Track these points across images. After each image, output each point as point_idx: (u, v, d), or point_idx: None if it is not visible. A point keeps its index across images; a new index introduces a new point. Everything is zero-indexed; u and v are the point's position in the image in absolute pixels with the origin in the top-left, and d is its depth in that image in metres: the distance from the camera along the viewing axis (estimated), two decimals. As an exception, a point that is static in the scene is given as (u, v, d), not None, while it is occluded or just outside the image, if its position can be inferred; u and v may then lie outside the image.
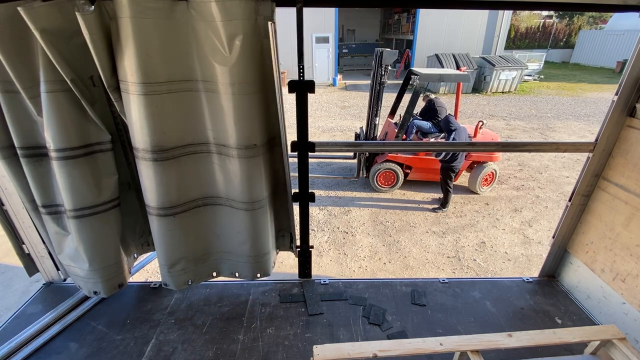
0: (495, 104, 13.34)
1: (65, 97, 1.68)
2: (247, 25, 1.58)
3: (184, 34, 1.62)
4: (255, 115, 1.80)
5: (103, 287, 2.09)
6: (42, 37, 1.49)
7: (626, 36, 21.12)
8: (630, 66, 1.92)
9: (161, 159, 1.78)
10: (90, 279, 2.06)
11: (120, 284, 2.15)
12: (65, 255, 2.07)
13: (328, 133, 9.92)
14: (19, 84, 1.63)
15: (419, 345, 1.69)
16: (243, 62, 1.63)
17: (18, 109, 1.74)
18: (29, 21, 1.46)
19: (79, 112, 1.74)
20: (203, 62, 1.69)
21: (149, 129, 1.70)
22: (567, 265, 2.54)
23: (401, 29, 21.27)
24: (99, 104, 1.81)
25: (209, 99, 1.77)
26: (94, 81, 1.75)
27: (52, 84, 1.64)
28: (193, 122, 1.82)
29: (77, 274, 2.10)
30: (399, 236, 5.00)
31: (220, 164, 1.93)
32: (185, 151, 1.86)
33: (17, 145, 1.81)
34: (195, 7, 1.56)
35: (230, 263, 2.26)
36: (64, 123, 1.71)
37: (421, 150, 5.93)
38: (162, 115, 1.70)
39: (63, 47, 1.57)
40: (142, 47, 1.54)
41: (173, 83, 1.69)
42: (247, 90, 1.71)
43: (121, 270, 2.14)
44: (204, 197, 2.03)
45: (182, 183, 1.90)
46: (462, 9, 1.86)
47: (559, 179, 6.86)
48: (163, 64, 1.63)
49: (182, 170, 1.88)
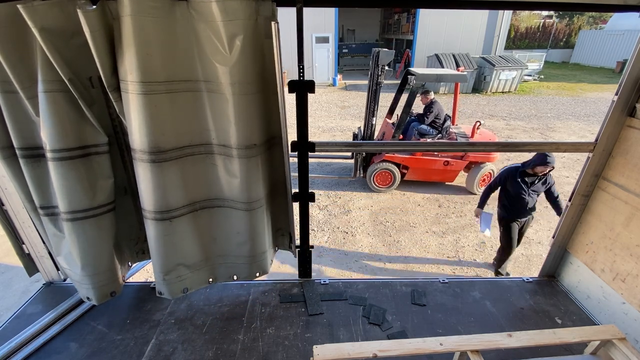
0: (495, 104, 13.34)
1: (63, 97, 1.66)
2: (247, 25, 1.58)
3: (184, 34, 1.61)
4: (255, 115, 1.80)
5: (95, 293, 2.03)
6: (42, 36, 1.48)
7: (626, 36, 21.12)
8: (630, 66, 1.92)
9: (159, 161, 1.75)
10: (83, 284, 2.01)
11: (112, 292, 2.08)
12: (62, 257, 2.04)
13: (328, 133, 9.92)
14: (17, 83, 1.62)
15: (419, 345, 1.69)
16: (243, 62, 1.63)
17: (17, 110, 1.72)
18: (29, 19, 1.44)
19: (77, 113, 1.72)
20: (204, 62, 1.68)
21: (147, 129, 1.67)
22: (567, 265, 2.54)
23: (401, 29, 21.25)
24: (97, 105, 1.79)
25: (209, 99, 1.76)
26: (93, 82, 1.73)
27: (50, 83, 1.62)
28: (192, 122, 1.80)
29: (72, 277, 2.07)
30: (399, 236, 5.00)
31: (220, 165, 1.91)
32: (183, 153, 1.83)
33: (16, 145, 1.79)
34: (196, 7, 1.55)
35: (227, 266, 2.23)
36: (60, 123, 1.68)
37: (420, 150, 5.93)
38: (160, 115, 1.68)
39: (62, 47, 1.55)
40: (142, 46, 1.53)
41: (172, 83, 1.67)
42: (247, 90, 1.71)
43: (114, 277, 2.07)
44: (201, 200, 2.00)
45: (179, 186, 1.87)
46: (462, 9, 1.86)
47: (559, 179, 6.86)
48: (163, 63, 1.61)
49: (180, 172, 1.85)
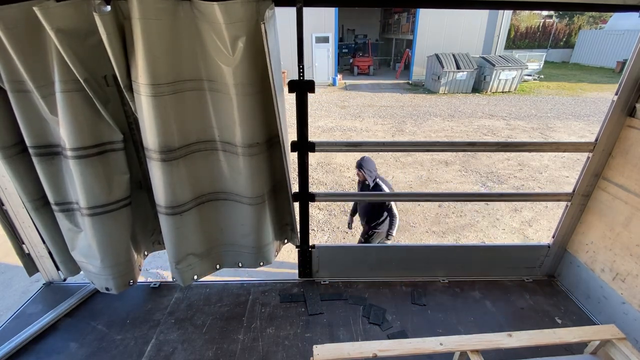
0: (495, 104, 13.34)
1: (80, 96, 1.70)
2: (249, 27, 1.59)
3: (188, 33, 1.63)
4: (257, 115, 1.83)
5: (114, 283, 2.14)
6: (58, 37, 1.51)
7: (626, 36, 21.11)
8: (630, 66, 1.92)
9: (169, 159, 1.82)
10: (102, 275, 2.11)
11: (130, 280, 2.19)
12: (77, 251, 2.12)
13: (328, 133, 9.92)
14: (32, 82, 1.65)
15: (419, 345, 1.68)
16: (246, 62, 1.65)
17: (28, 109, 1.76)
18: (45, 21, 1.47)
19: (93, 112, 1.77)
20: (207, 62, 1.71)
21: (157, 129, 1.74)
22: (567, 265, 2.54)
23: (401, 28, 21.24)
24: (112, 103, 1.85)
25: (213, 98, 1.80)
26: (108, 81, 1.78)
27: (67, 83, 1.66)
28: (198, 120, 1.86)
29: (89, 270, 2.15)
30: (399, 236, 5.00)
31: (225, 161, 1.98)
32: (191, 149, 1.90)
33: (29, 144, 1.84)
34: (199, 8, 1.57)
35: (233, 254, 2.30)
36: (77, 122, 1.74)
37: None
38: (169, 116, 1.74)
39: (78, 47, 1.59)
40: (150, 49, 1.56)
41: (179, 83, 1.72)
42: (249, 91, 1.74)
43: (132, 267, 2.18)
44: (209, 192, 2.08)
45: (188, 181, 1.95)
46: (462, 9, 1.86)
47: (558, 178, 6.86)
48: (169, 64, 1.65)
49: (189, 168, 1.92)
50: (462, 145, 2.48)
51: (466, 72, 14.71)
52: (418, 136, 9.63)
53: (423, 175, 7.00)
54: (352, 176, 6.76)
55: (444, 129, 10.17)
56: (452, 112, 12.08)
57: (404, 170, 7.21)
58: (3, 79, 1.68)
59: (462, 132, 9.86)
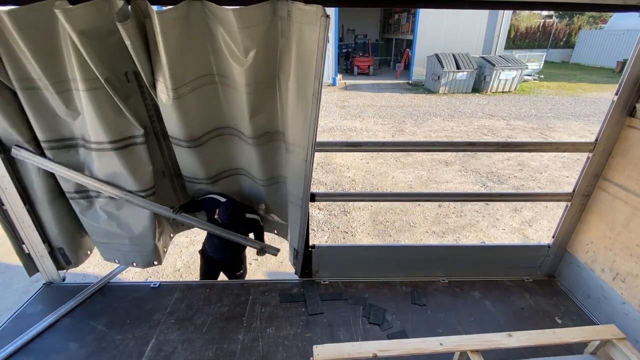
0: (495, 104, 13.33)
1: (103, 94, 1.78)
2: (262, 30, 1.62)
3: (199, 32, 1.68)
4: (268, 108, 1.94)
5: (141, 260, 2.37)
6: (80, 39, 1.54)
7: (626, 36, 21.09)
8: (630, 66, 1.92)
9: (193, 146, 2.04)
10: (130, 252, 2.34)
11: (155, 261, 2.39)
12: (102, 234, 2.31)
13: (328, 133, 9.92)
14: (47, 79, 1.71)
15: (419, 345, 1.68)
16: (258, 63, 1.70)
17: (39, 105, 1.83)
18: (67, 23, 1.50)
19: (115, 108, 1.86)
20: (218, 57, 1.79)
21: (180, 125, 1.91)
22: (567, 265, 2.54)
23: (401, 28, 21.24)
24: (133, 98, 1.95)
25: (224, 91, 1.92)
26: (129, 77, 1.86)
27: (90, 82, 1.73)
28: (216, 110, 2.02)
29: (115, 249, 2.36)
30: (399, 236, 4.99)
31: (240, 144, 2.18)
32: (212, 135, 2.11)
33: (41, 139, 1.92)
34: (211, 9, 1.60)
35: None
36: (102, 119, 1.84)
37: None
38: (190, 113, 1.90)
39: (99, 47, 1.64)
40: (171, 56, 1.63)
41: (195, 80, 1.81)
42: (260, 88, 1.81)
43: (157, 249, 2.36)
44: (229, 169, 2.35)
45: (211, 160, 2.20)
46: (462, 9, 1.86)
47: (558, 178, 6.86)
48: (186, 65, 1.73)
49: (210, 150, 2.15)
50: (462, 145, 2.48)
51: (466, 72, 14.70)
52: (418, 136, 9.62)
53: (423, 175, 6.99)
54: (352, 176, 6.77)
55: (444, 129, 10.16)
56: (452, 112, 12.07)
57: (404, 170, 7.20)
58: (11, 77, 1.71)
59: (462, 132, 9.86)
